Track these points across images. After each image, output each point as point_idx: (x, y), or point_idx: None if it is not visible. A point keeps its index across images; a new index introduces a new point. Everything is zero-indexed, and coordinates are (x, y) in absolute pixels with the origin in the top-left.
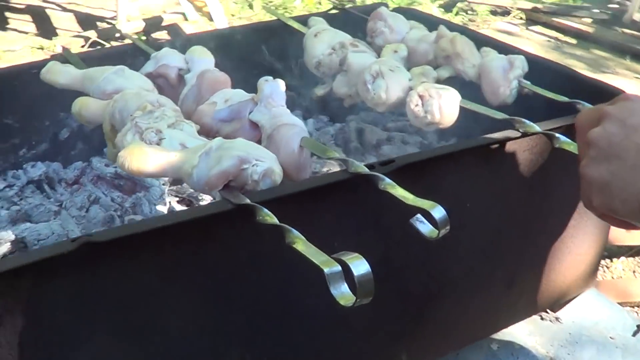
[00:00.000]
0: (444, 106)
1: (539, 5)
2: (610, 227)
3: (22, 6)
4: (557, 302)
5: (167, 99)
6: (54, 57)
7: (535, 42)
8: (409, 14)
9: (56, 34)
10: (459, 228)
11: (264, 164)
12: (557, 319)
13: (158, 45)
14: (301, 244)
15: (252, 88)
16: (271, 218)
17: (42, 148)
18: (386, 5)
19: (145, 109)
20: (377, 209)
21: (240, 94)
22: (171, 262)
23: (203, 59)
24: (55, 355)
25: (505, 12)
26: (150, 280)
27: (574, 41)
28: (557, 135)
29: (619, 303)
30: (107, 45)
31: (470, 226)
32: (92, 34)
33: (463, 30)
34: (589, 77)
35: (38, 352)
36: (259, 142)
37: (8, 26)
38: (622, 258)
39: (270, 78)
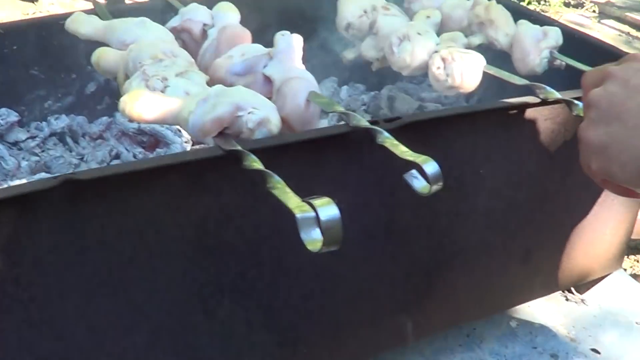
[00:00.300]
0: (466, 70)
1: None
2: None
3: None
4: (579, 282)
5: (183, 50)
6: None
7: (606, 35)
8: None
9: None
10: (472, 195)
11: (260, 113)
12: (582, 300)
13: (189, 1)
14: (280, 190)
15: None
16: (257, 164)
17: (68, 101)
18: None
19: (157, 58)
20: (380, 167)
21: (257, 49)
22: (158, 206)
23: (227, 14)
24: (38, 297)
25: (579, 5)
26: (136, 224)
27: None
28: (576, 102)
29: None
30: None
31: (483, 194)
32: None
33: (505, 2)
34: (631, 53)
35: (19, 291)
36: (270, 96)
37: None
38: None
39: (287, 33)
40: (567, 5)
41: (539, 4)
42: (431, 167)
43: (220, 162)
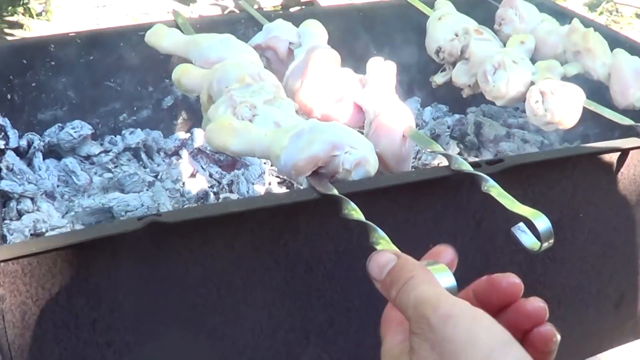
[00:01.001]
0: (566, 105)
1: None
2: None
3: None
4: None
5: (270, 73)
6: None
7: None
8: (544, 5)
9: (194, 1)
10: (569, 240)
11: (357, 152)
12: None
13: (274, 16)
14: (384, 246)
15: (364, 70)
16: (357, 213)
17: (144, 115)
18: None
19: (244, 82)
20: (480, 212)
21: (348, 74)
22: (247, 250)
23: (315, 33)
24: (115, 342)
25: None
26: (223, 268)
27: None
28: None
29: None
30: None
31: (581, 238)
32: (230, 3)
33: (598, 27)
34: None
35: (96, 336)
36: (362, 127)
37: None
38: None
39: (380, 59)
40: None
41: (611, 14)
42: (543, 222)
43: (316, 205)
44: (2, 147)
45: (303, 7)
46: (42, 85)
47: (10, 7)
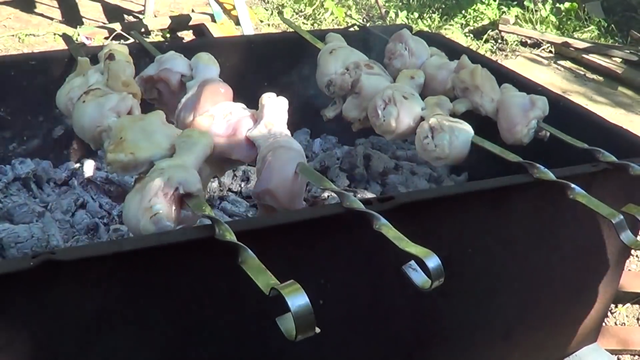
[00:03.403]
0: (455, 141)
1: (570, 41)
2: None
3: None
4: (555, 356)
5: None
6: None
7: (562, 77)
8: (433, 39)
9: (82, 23)
10: (458, 275)
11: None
12: None
13: (166, 47)
14: (250, 264)
15: (255, 103)
16: (230, 235)
17: (34, 144)
18: (410, 29)
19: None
20: (370, 248)
21: (240, 109)
22: (139, 288)
23: (208, 67)
24: None
25: (536, 45)
26: (116, 305)
27: (601, 79)
28: (573, 185)
29: (619, 351)
30: (130, 39)
31: (470, 273)
32: (117, 27)
33: (486, 63)
34: (611, 123)
35: None
36: (254, 161)
37: (35, 10)
38: (628, 305)
39: (272, 95)
40: (524, 44)
41: (496, 42)
42: (433, 261)
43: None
44: None
45: (191, 31)
46: None
47: None
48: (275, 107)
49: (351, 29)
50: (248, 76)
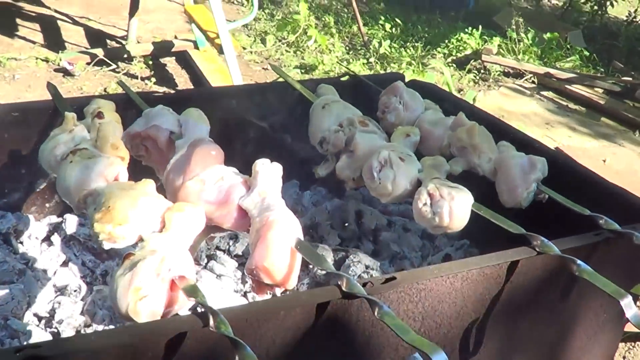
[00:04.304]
0: (455, 210)
1: (552, 71)
2: None
3: (34, 14)
4: None
5: None
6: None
7: (545, 108)
8: (426, 89)
9: (64, 47)
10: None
11: None
12: None
13: (153, 99)
14: None
15: (246, 163)
16: (226, 328)
17: (15, 197)
18: (402, 78)
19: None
20: (368, 331)
21: (232, 174)
22: None
23: (198, 125)
24: None
25: (518, 75)
26: None
27: (583, 110)
28: (579, 262)
29: None
30: (112, 65)
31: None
32: (99, 52)
33: (482, 117)
34: (613, 184)
35: None
36: (247, 231)
37: (17, 33)
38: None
39: (266, 161)
40: (506, 74)
41: (479, 72)
42: (440, 358)
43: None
44: None
45: (174, 58)
46: None
47: None
48: (269, 175)
49: (342, 79)
50: (238, 130)
